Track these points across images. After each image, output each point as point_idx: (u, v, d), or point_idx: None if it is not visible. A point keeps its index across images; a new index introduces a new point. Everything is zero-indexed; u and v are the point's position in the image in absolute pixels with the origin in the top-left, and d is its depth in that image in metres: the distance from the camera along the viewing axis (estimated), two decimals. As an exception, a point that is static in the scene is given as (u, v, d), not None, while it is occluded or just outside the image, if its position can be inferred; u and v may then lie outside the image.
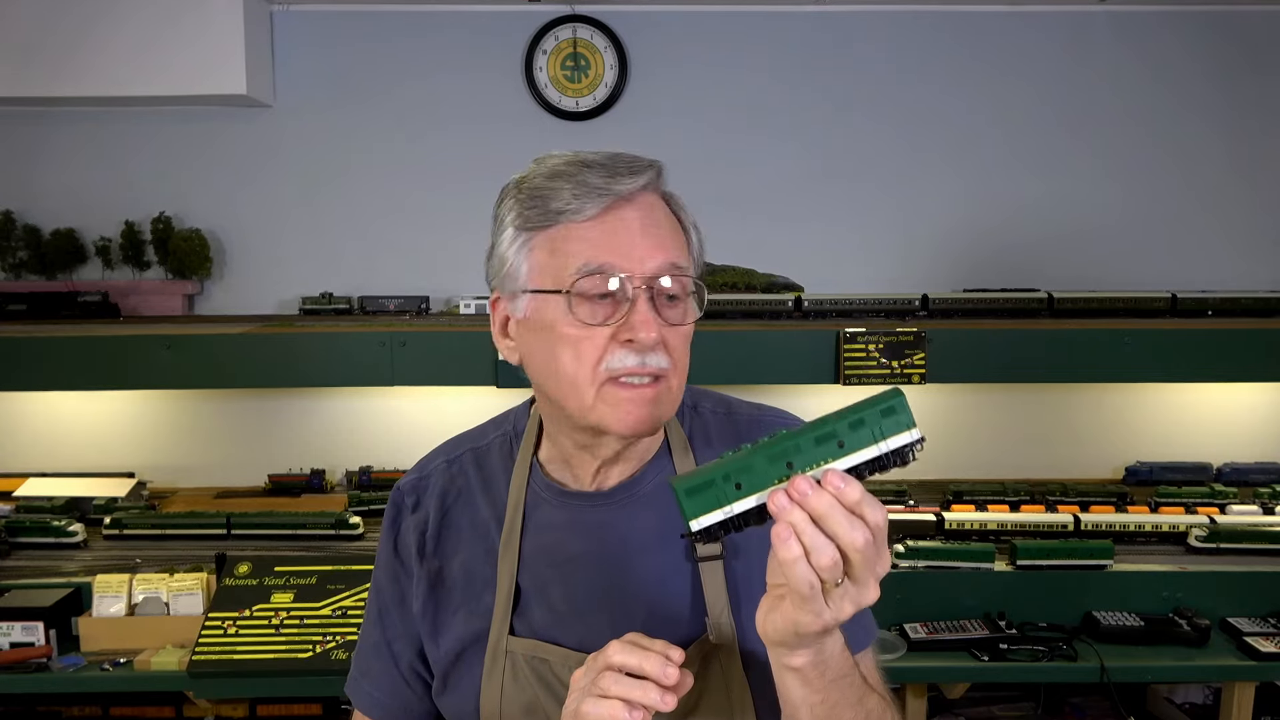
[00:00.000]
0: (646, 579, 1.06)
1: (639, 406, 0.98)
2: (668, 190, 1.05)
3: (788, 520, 0.77)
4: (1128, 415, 3.17)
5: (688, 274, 1.01)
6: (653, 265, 0.98)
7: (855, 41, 3.20)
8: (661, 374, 0.99)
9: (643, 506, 1.09)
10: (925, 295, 2.89)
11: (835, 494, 0.77)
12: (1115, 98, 3.21)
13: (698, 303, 1.04)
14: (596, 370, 0.98)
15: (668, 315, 0.99)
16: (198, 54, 2.92)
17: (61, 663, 2.28)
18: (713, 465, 0.81)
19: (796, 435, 0.80)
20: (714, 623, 1.05)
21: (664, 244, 0.99)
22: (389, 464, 3.11)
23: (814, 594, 0.79)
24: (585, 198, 0.97)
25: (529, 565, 1.09)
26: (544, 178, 1.00)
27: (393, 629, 1.16)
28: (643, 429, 1.00)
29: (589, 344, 0.98)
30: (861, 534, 0.77)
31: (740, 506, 0.80)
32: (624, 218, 0.98)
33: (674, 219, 1.04)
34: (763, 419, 1.16)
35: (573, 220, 0.98)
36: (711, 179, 3.14)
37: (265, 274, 3.23)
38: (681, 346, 1.01)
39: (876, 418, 0.79)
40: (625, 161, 0.99)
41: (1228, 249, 3.24)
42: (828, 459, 0.79)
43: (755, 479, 0.80)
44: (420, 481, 1.17)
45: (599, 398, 0.99)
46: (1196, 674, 2.51)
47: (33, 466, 3.10)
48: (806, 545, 0.77)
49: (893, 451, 0.79)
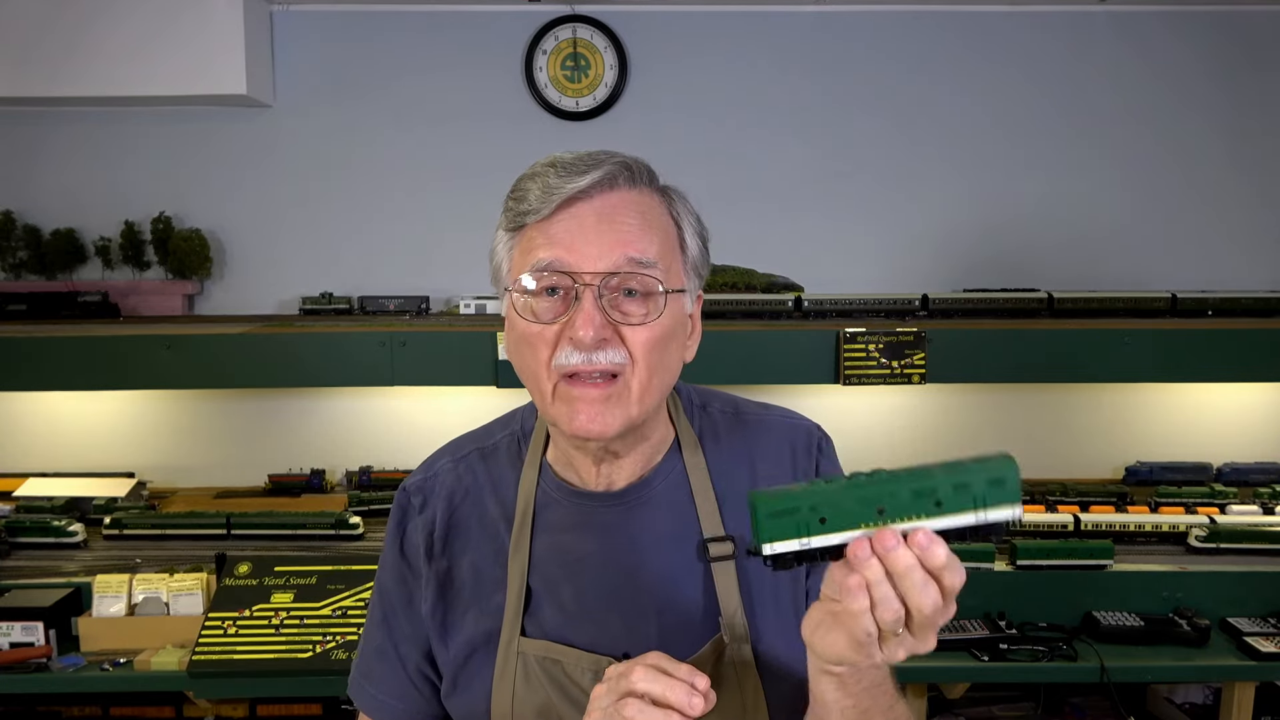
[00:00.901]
0: (658, 579, 1.06)
1: (588, 406, 0.98)
2: (666, 186, 1.05)
3: (863, 573, 0.75)
4: (1128, 415, 3.17)
5: (650, 270, 0.99)
6: (606, 261, 0.97)
7: (855, 41, 3.20)
8: (616, 370, 0.98)
9: (654, 506, 1.09)
10: (925, 295, 2.89)
11: (920, 554, 0.74)
12: (1116, 97, 3.21)
13: (689, 297, 1.03)
14: (549, 368, 0.99)
15: (626, 311, 0.98)
16: (197, 54, 2.92)
17: (61, 663, 2.28)
18: (800, 490, 0.77)
19: (894, 481, 0.76)
20: (728, 623, 1.04)
21: (624, 240, 0.98)
22: (389, 464, 3.11)
23: (870, 641, 0.78)
24: (544, 196, 0.98)
25: (539, 565, 1.09)
26: (524, 179, 1.01)
27: (399, 631, 1.15)
28: (591, 430, 0.98)
29: (541, 340, 0.99)
30: (932, 598, 0.75)
31: (819, 542, 0.77)
32: (578, 215, 0.98)
33: (661, 215, 1.02)
34: (769, 418, 1.17)
35: (536, 220, 0.99)
36: (711, 179, 3.14)
37: (265, 274, 3.23)
38: (644, 346, 0.99)
39: (984, 485, 0.74)
40: (588, 159, 0.99)
41: (1228, 249, 3.24)
42: (921, 515, 0.75)
43: (842, 517, 0.76)
44: (426, 482, 1.16)
45: (555, 395, 1.00)
46: (1196, 674, 2.51)
47: (33, 466, 3.10)
48: (875, 599, 0.76)
49: (989, 524, 0.75)
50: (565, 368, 0.98)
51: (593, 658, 1.05)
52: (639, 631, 1.05)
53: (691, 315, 1.08)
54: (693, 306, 1.08)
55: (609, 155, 1.01)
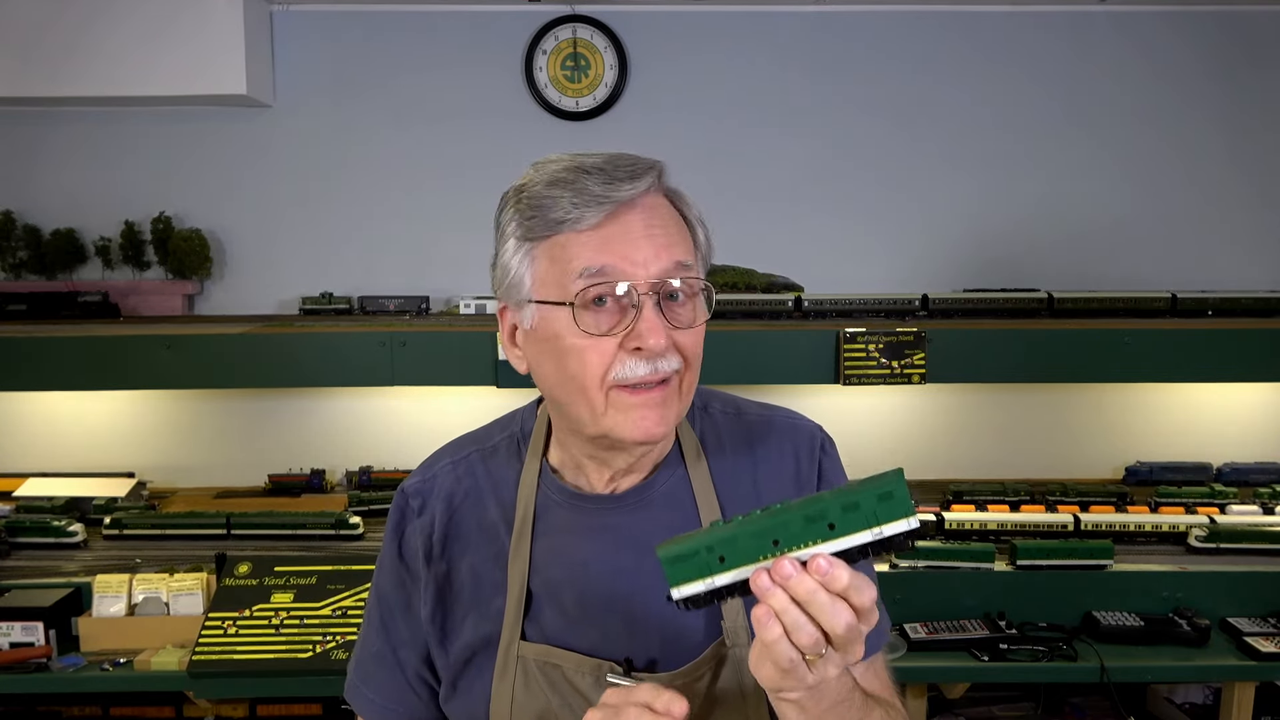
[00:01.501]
0: (659, 583, 1.04)
1: (650, 410, 0.97)
2: (672, 187, 1.03)
3: (769, 603, 0.77)
4: (1128, 415, 3.17)
5: (695, 273, 0.99)
6: (658, 268, 0.96)
7: (855, 41, 3.20)
8: (673, 374, 0.98)
9: (656, 509, 1.08)
10: (925, 295, 2.89)
11: (821, 580, 0.75)
12: (1116, 97, 3.21)
13: (706, 300, 1.02)
14: (605, 379, 0.97)
15: (677, 317, 0.98)
16: (198, 54, 2.92)
17: (61, 663, 2.28)
18: (699, 534, 0.79)
19: (785, 511, 0.77)
20: (730, 628, 1.04)
21: (670, 245, 0.97)
22: (389, 464, 3.11)
23: (794, 666, 0.79)
24: (585, 206, 0.94)
25: (540, 569, 1.07)
26: (544, 185, 0.97)
27: (397, 635, 1.13)
28: (655, 434, 0.98)
29: (595, 353, 0.96)
30: (844, 618, 0.76)
31: (722, 580, 0.79)
32: (625, 223, 0.96)
33: (679, 217, 1.02)
34: (772, 419, 1.15)
35: (574, 229, 0.95)
36: (711, 179, 3.14)
37: (265, 274, 3.23)
38: (694, 345, 1.00)
39: (872, 501, 0.75)
40: (625, 165, 0.97)
41: (1228, 249, 3.24)
42: (816, 540, 0.76)
43: (739, 554, 0.78)
44: (425, 484, 1.14)
45: (609, 404, 0.98)
46: (1196, 674, 2.51)
47: (33, 466, 3.10)
48: (787, 626, 0.77)
49: (886, 539, 0.76)
50: (629, 379, 0.96)
51: (594, 662, 1.04)
52: (640, 636, 1.04)
53: None
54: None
55: (635, 158, 0.99)
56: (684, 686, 1.03)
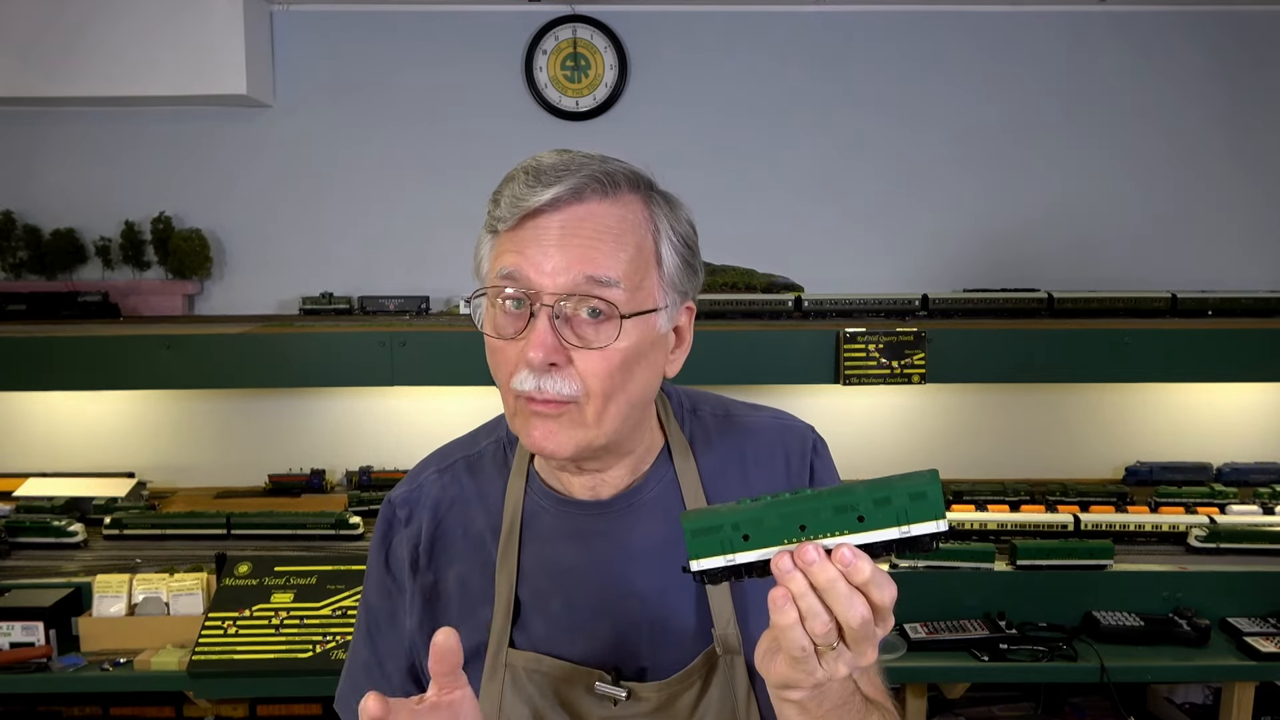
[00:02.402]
0: (649, 589, 1.04)
1: (545, 424, 0.95)
2: (653, 192, 0.99)
3: (786, 586, 0.76)
4: (1128, 415, 3.17)
5: (613, 294, 0.92)
6: (563, 279, 0.91)
7: (855, 41, 3.20)
8: (568, 400, 0.94)
9: (644, 515, 1.06)
10: (925, 295, 2.89)
11: (843, 569, 0.74)
12: (1116, 97, 3.21)
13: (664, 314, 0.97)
14: (509, 386, 0.96)
15: (582, 333, 0.93)
16: (197, 54, 2.92)
17: (61, 663, 2.28)
18: (727, 509, 0.79)
19: (816, 498, 0.76)
20: (720, 634, 1.03)
21: (587, 257, 0.92)
22: (389, 464, 3.10)
23: (806, 656, 0.78)
24: (511, 205, 0.94)
25: (528, 577, 1.06)
26: (504, 181, 0.98)
27: (384, 648, 1.12)
28: (550, 451, 0.96)
29: (503, 357, 0.96)
30: (860, 612, 0.75)
31: (744, 558, 0.78)
32: (541, 228, 0.93)
33: (636, 226, 0.96)
34: (762, 420, 1.14)
35: (502, 227, 0.96)
36: (711, 178, 3.14)
37: (265, 274, 3.23)
38: (599, 373, 0.93)
39: (904, 499, 0.75)
40: (560, 168, 0.94)
41: (1228, 248, 3.24)
42: (843, 530, 0.76)
43: (764, 534, 0.77)
44: (412, 493, 1.13)
45: (515, 411, 0.97)
46: (1196, 674, 2.51)
47: (33, 466, 3.10)
48: (803, 611, 0.76)
49: (913, 538, 0.76)
50: (519, 392, 0.94)
51: (583, 671, 1.03)
52: (629, 643, 1.03)
53: (678, 328, 1.03)
54: (671, 322, 1.01)
55: (585, 163, 0.95)
56: (673, 695, 1.02)
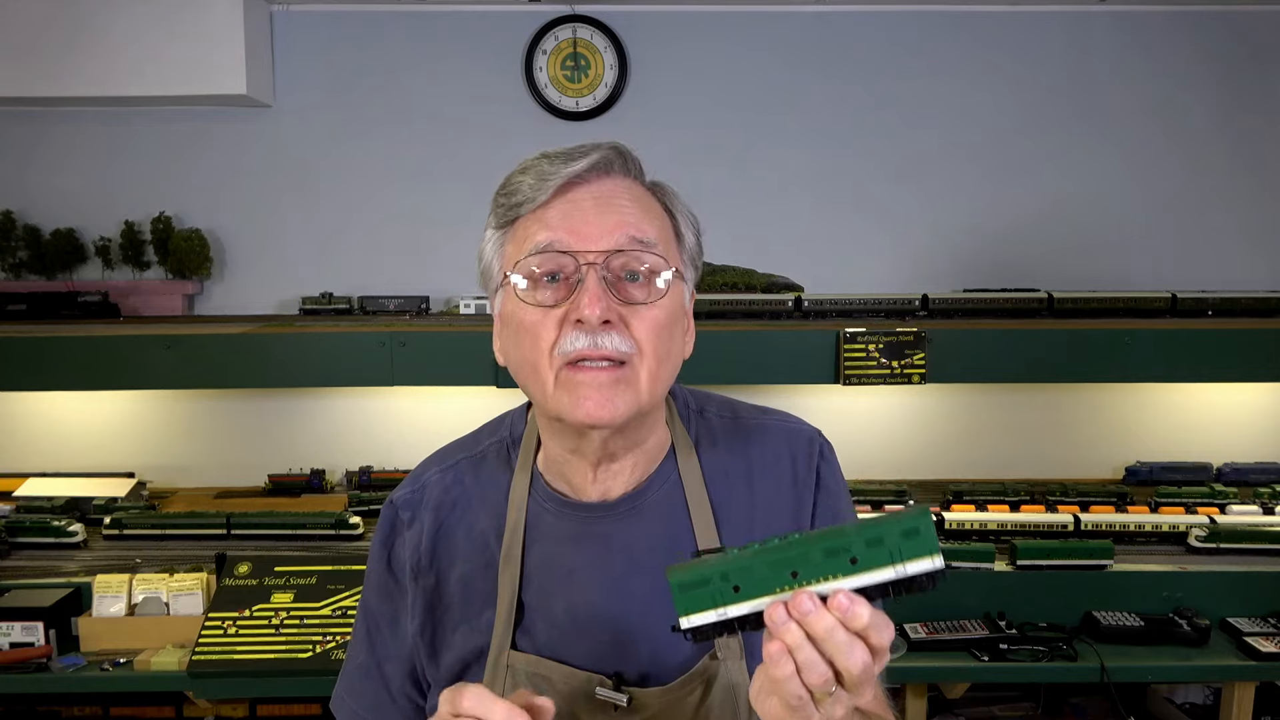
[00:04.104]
0: (651, 593, 1.03)
1: (595, 391, 0.94)
2: (657, 181, 1.04)
3: (782, 638, 0.73)
4: (1128, 415, 3.17)
5: (654, 249, 0.97)
6: (608, 241, 0.95)
7: (855, 41, 3.20)
8: (623, 358, 0.95)
9: (648, 517, 1.06)
10: (925, 295, 2.89)
11: (841, 617, 0.72)
12: (1116, 97, 3.21)
13: (687, 288, 1.01)
14: (552, 355, 0.95)
15: (629, 294, 0.96)
16: (198, 54, 2.92)
17: (61, 663, 2.28)
18: (715, 560, 0.75)
19: (806, 542, 0.73)
20: (721, 642, 1.02)
21: (625, 222, 0.96)
22: (389, 464, 3.10)
23: (802, 704, 0.76)
24: (539, 183, 0.97)
25: (531, 579, 1.05)
26: (514, 174, 1.00)
27: (383, 649, 1.12)
28: (597, 417, 0.94)
29: (543, 327, 0.96)
30: (860, 659, 0.73)
31: (735, 611, 0.75)
32: (576, 198, 0.97)
33: (655, 205, 1.02)
34: (769, 423, 1.13)
35: (531, 209, 0.98)
36: (711, 179, 3.14)
37: (265, 274, 3.23)
38: (650, 331, 0.96)
39: (897, 538, 0.72)
40: (581, 147, 0.99)
41: (1228, 249, 3.24)
42: (836, 574, 0.73)
43: (755, 584, 0.74)
44: (414, 494, 1.12)
45: (558, 384, 0.96)
46: (1196, 674, 2.51)
47: (33, 466, 3.10)
48: (800, 663, 0.73)
49: (909, 578, 0.73)
50: (570, 353, 0.94)
51: (584, 675, 1.02)
52: (630, 647, 1.03)
53: (687, 310, 1.05)
54: (689, 301, 1.05)
55: (599, 143, 1.00)
56: (674, 701, 1.02)
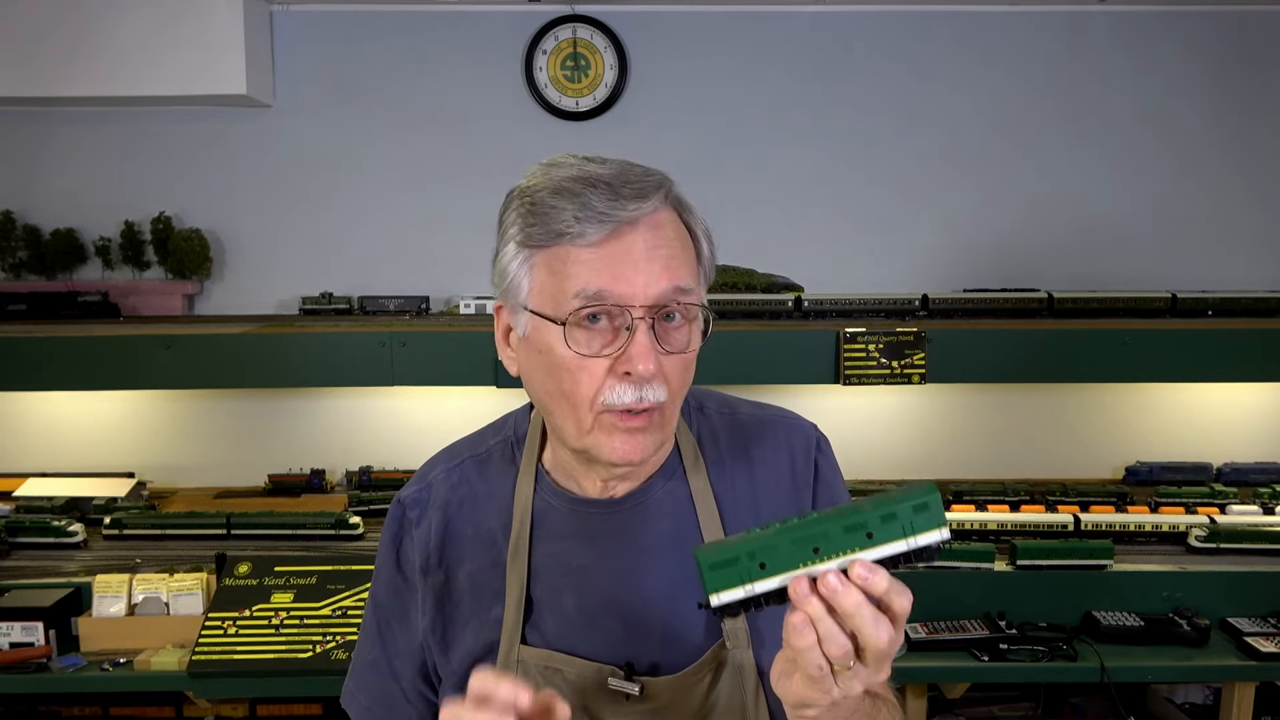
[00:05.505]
0: (660, 586, 1.05)
1: (632, 437, 0.97)
2: (679, 196, 1.00)
3: (805, 610, 0.77)
4: (1128, 415, 3.17)
5: (694, 297, 0.97)
6: (655, 291, 0.93)
7: (855, 41, 3.20)
8: (657, 406, 0.96)
9: (654, 513, 1.07)
10: (925, 295, 2.89)
11: (862, 584, 0.76)
12: (1116, 97, 3.21)
13: (705, 324, 1.00)
14: (594, 402, 0.96)
15: (670, 341, 0.96)
16: (198, 54, 2.92)
17: (61, 663, 2.28)
18: (739, 540, 0.80)
19: (825, 520, 0.79)
20: (730, 630, 1.03)
21: (670, 267, 0.95)
22: (389, 464, 3.11)
23: (823, 675, 0.78)
24: (587, 221, 0.92)
25: (540, 574, 1.07)
26: (548, 193, 0.95)
27: (393, 645, 1.13)
28: (634, 460, 0.98)
29: (586, 375, 0.95)
30: (886, 633, 0.76)
31: (762, 587, 0.79)
32: (627, 243, 0.93)
33: (684, 232, 0.99)
34: (768, 419, 1.15)
35: (573, 243, 0.93)
36: (711, 179, 3.14)
37: (265, 274, 3.23)
38: (680, 375, 0.98)
39: (909, 513, 0.78)
40: (634, 181, 0.94)
41: (1228, 249, 3.24)
42: (855, 549, 0.78)
43: (780, 560, 0.79)
44: (421, 493, 1.14)
45: (596, 425, 0.97)
46: (1196, 674, 2.51)
47: (33, 466, 3.10)
48: (821, 634, 0.77)
49: (920, 549, 0.79)
50: (615, 405, 0.95)
51: (595, 667, 1.04)
52: (641, 639, 1.04)
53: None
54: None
55: (645, 173, 0.96)
56: (685, 689, 1.03)
